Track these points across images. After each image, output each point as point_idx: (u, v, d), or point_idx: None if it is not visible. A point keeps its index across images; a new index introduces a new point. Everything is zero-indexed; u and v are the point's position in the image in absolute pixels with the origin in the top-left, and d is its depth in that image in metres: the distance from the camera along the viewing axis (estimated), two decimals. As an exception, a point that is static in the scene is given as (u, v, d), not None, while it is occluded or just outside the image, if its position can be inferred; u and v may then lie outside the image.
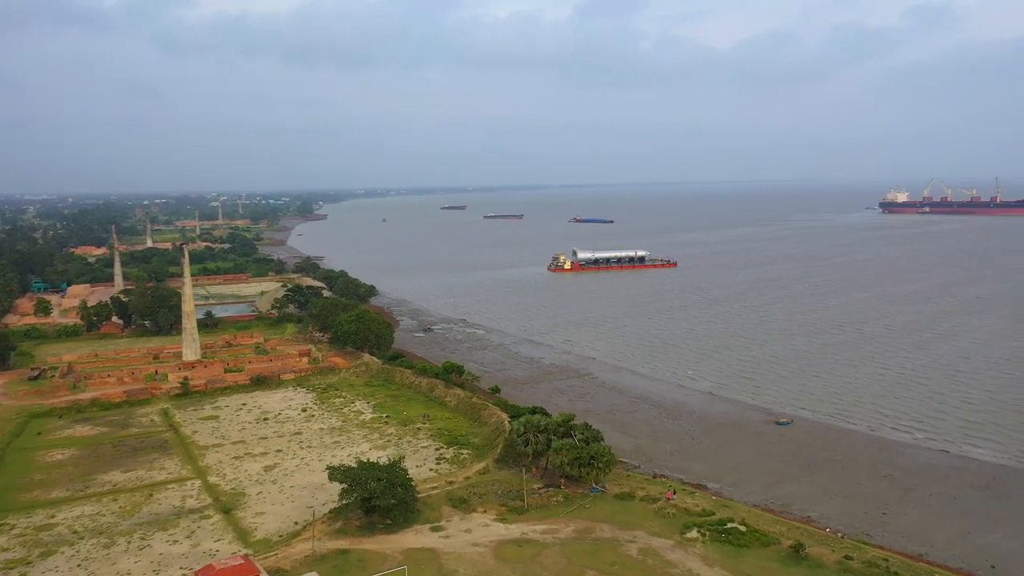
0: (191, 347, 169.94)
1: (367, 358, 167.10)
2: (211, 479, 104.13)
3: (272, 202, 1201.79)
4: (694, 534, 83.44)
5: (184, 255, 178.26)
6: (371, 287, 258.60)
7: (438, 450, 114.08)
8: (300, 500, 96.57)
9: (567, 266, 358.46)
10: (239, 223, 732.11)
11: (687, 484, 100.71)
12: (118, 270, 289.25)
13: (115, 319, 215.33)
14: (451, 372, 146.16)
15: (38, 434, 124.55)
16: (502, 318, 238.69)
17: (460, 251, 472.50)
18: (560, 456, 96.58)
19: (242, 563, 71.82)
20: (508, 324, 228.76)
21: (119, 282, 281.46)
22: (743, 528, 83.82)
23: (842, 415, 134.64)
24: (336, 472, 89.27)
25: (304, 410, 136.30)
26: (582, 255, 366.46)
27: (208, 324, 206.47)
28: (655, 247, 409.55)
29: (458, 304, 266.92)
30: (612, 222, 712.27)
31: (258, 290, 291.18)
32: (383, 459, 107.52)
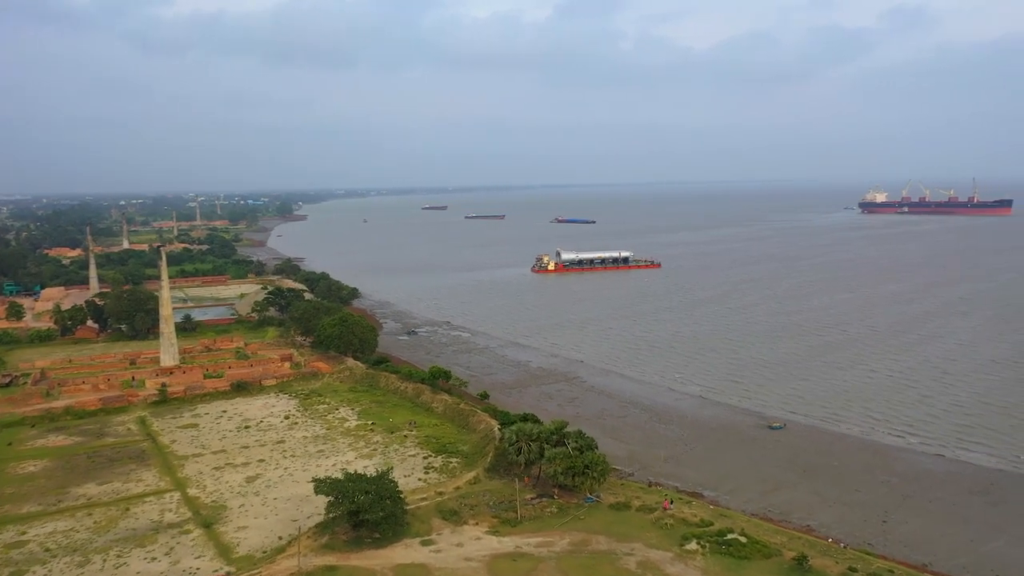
0: (169, 352, 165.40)
1: (351, 363, 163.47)
2: (191, 491, 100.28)
3: (251, 202, 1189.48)
4: (693, 546, 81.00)
5: (161, 257, 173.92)
6: (354, 289, 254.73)
7: (426, 459, 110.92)
8: (284, 513, 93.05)
9: (551, 267, 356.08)
10: (217, 224, 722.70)
11: (683, 492, 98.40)
12: (93, 272, 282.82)
13: (90, 323, 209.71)
14: (438, 377, 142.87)
15: (9, 444, 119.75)
16: (487, 320, 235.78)
17: (442, 252, 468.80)
18: (553, 465, 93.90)
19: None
20: (493, 326, 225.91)
21: (94, 285, 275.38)
22: (743, 539, 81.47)
23: (833, 419, 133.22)
24: (322, 485, 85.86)
25: (287, 417, 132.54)
26: (566, 256, 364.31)
27: (186, 328, 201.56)
28: (638, 248, 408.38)
29: (442, 306, 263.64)
30: (594, 222, 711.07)
31: (238, 292, 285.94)
32: (370, 468, 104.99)
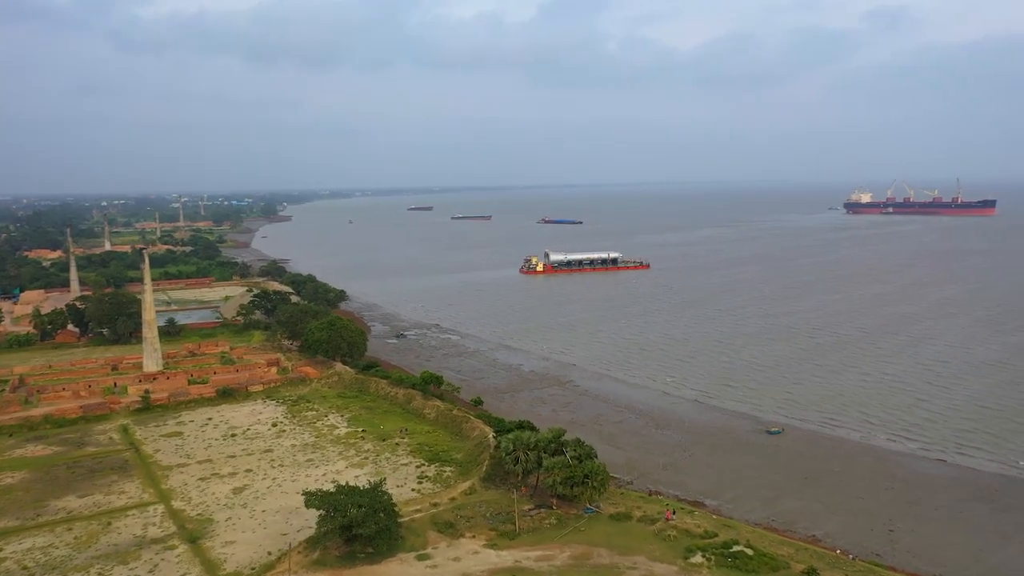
0: (152, 357, 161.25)
1: (339, 367, 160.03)
2: (175, 504, 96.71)
3: (235, 203, 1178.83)
4: (698, 559, 78.49)
5: (144, 260, 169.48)
6: (341, 292, 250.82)
7: (419, 468, 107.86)
8: (273, 527, 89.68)
9: (539, 268, 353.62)
10: (201, 225, 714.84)
11: (684, 501, 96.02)
12: (74, 275, 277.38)
13: (71, 327, 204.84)
14: (429, 383, 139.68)
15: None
16: (476, 323, 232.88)
17: (429, 253, 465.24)
18: (552, 475, 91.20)
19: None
20: (483, 329, 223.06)
21: (75, 287, 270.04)
22: (750, 551, 79.02)
23: (831, 423, 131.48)
24: (313, 498, 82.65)
25: (274, 425, 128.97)
26: (554, 257, 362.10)
27: (170, 332, 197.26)
28: (625, 248, 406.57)
29: (430, 308, 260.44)
30: (581, 223, 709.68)
31: (222, 295, 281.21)
32: (361, 478, 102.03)
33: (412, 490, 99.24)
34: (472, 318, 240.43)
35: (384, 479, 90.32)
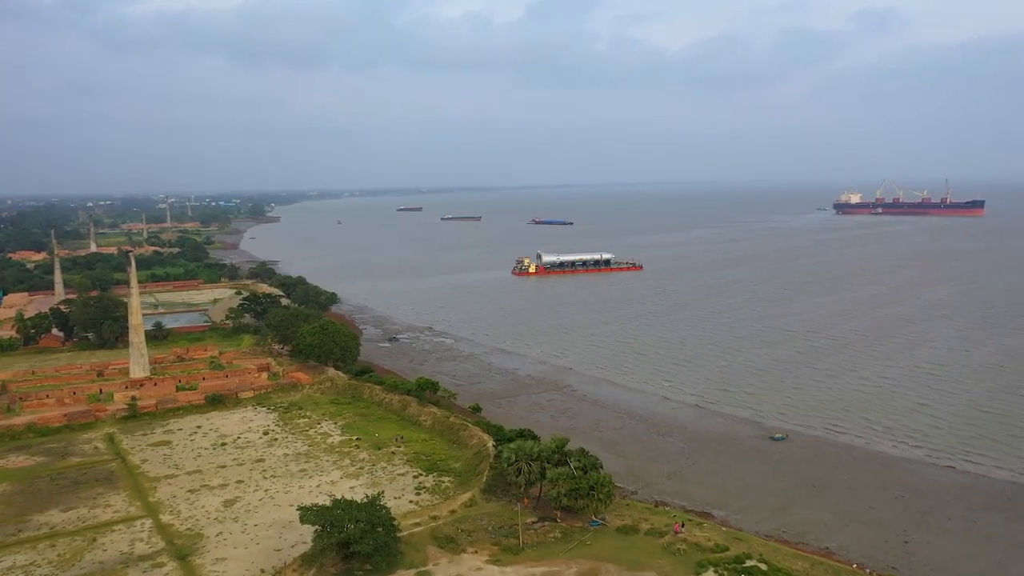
0: (139, 363, 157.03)
1: (332, 373, 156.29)
2: (164, 518, 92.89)
3: (223, 204, 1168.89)
4: (711, 575, 75.56)
5: (130, 263, 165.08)
6: (332, 295, 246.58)
7: (416, 478, 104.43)
8: (266, 542, 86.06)
9: (532, 270, 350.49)
10: (188, 226, 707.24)
11: (691, 512, 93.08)
12: (59, 277, 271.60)
13: (55, 331, 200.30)
14: (425, 389, 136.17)
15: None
16: (469, 325, 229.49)
17: (420, 254, 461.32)
18: (557, 487, 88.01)
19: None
20: (476, 332, 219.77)
21: (60, 290, 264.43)
22: (764, 567, 76.14)
23: (834, 428, 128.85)
24: (308, 513, 79.13)
25: (266, 433, 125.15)
26: (547, 258, 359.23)
27: (157, 336, 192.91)
28: (617, 249, 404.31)
29: (422, 311, 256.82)
30: (572, 223, 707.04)
31: (211, 298, 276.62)
32: (357, 489, 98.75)
33: (410, 502, 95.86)
34: (465, 321, 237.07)
35: (382, 492, 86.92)
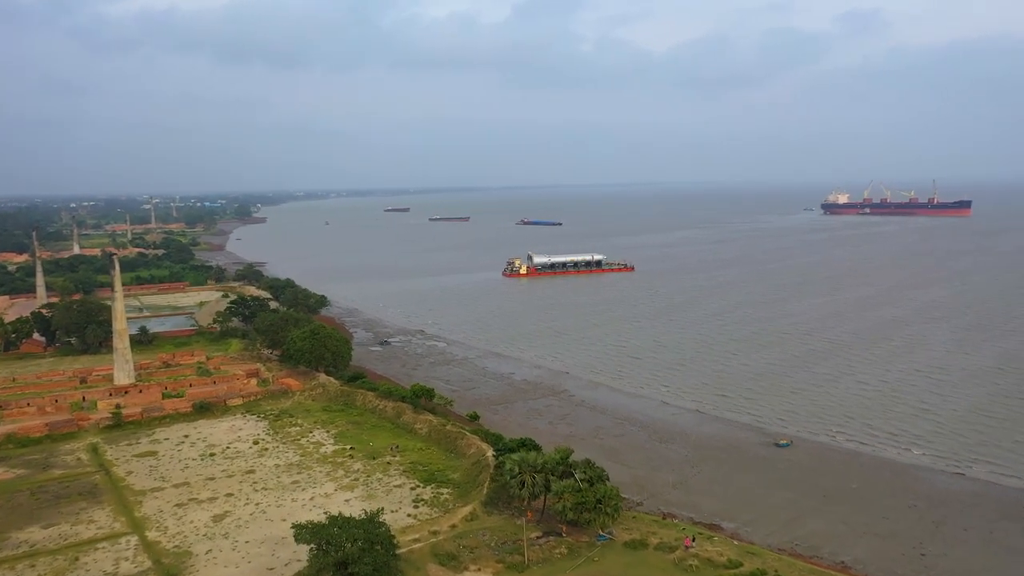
0: (124, 369, 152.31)
1: (324, 379, 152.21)
2: (150, 534, 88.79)
3: (208, 204, 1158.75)
4: (726, 593, 72.52)
5: (114, 266, 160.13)
6: (322, 298, 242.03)
7: (414, 489, 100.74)
8: (258, 560, 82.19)
9: (523, 271, 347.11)
10: (173, 227, 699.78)
11: (700, 524, 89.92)
12: (40, 280, 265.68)
13: (37, 336, 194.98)
14: (420, 396, 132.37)
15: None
16: (461, 328, 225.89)
17: (409, 256, 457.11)
18: (562, 500, 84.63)
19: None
20: (469, 335, 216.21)
21: (42, 294, 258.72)
22: (780, 584, 73.22)
23: (838, 435, 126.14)
24: (303, 531, 75.29)
25: (256, 442, 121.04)
26: (538, 260, 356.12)
27: (142, 340, 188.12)
28: (607, 250, 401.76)
29: (413, 313, 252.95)
30: (561, 224, 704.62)
31: (197, 300, 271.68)
32: (352, 502, 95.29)
33: (408, 515, 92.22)
34: (457, 323, 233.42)
35: (381, 509, 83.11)
